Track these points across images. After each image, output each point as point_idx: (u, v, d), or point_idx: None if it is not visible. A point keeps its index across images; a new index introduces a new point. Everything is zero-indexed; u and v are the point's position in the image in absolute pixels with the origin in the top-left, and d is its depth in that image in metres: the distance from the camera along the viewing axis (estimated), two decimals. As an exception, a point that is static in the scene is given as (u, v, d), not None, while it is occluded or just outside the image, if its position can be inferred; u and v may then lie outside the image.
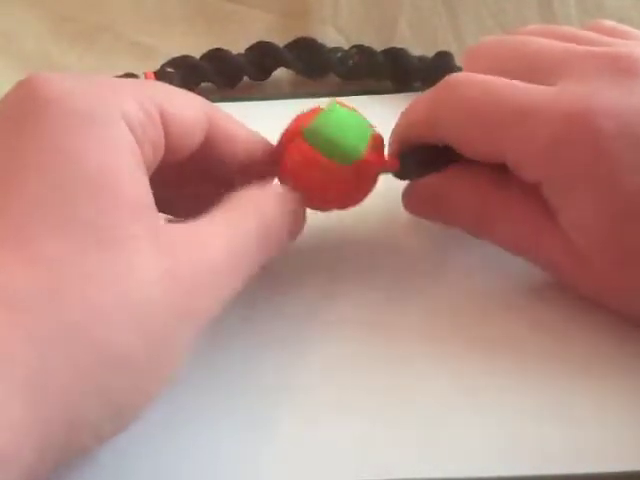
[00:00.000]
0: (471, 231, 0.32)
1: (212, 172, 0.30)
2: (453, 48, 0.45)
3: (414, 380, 0.29)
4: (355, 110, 0.31)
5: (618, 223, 0.28)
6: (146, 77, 0.42)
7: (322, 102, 0.31)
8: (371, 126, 0.31)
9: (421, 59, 0.43)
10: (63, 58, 0.46)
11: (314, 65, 0.44)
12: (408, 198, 0.34)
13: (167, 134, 0.26)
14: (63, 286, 0.22)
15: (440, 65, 0.42)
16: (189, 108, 0.28)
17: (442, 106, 0.31)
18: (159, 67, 0.43)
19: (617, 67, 0.29)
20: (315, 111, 0.31)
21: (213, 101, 0.41)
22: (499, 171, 0.31)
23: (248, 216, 0.27)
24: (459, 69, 0.42)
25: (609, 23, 0.34)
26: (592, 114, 0.28)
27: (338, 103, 0.31)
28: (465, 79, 0.31)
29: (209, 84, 0.44)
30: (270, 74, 0.44)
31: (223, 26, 0.47)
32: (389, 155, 0.32)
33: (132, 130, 0.25)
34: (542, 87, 0.30)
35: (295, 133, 0.30)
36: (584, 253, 0.29)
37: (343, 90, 0.44)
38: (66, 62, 0.45)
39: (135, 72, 0.42)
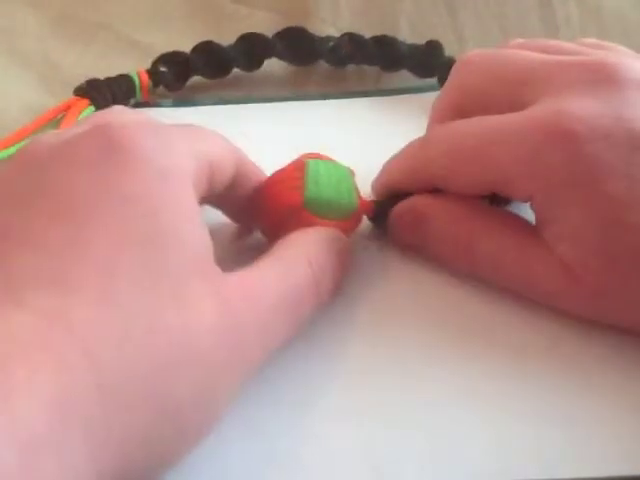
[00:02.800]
0: (453, 260, 0.32)
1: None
2: (454, 48, 0.45)
3: (414, 383, 0.29)
4: (331, 160, 0.32)
5: (604, 230, 0.28)
6: (139, 75, 0.42)
7: (306, 105, 0.31)
8: (349, 170, 0.32)
9: (411, 47, 0.43)
10: (62, 57, 0.46)
11: (304, 54, 0.44)
12: (391, 225, 0.34)
13: (210, 183, 0.28)
14: (134, 336, 0.22)
15: (429, 53, 0.43)
16: (226, 156, 0.29)
17: (430, 150, 0.32)
18: (151, 65, 0.43)
19: (592, 76, 0.30)
20: (296, 168, 0.31)
21: (208, 103, 0.42)
22: (477, 201, 0.32)
23: (297, 266, 0.28)
24: (449, 59, 0.43)
25: (591, 40, 0.34)
26: (566, 120, 0.28)
27: (314, 158, 0.32)
28: (445, 128, 0.32)
29: (200, 77, 0.44)
30: (261, 65, 0.44)
31: (222, 25, 0.47)
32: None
33: (194, 187, 0.26)
34: (517, 112, 0.30)
35: (293, 207, 0.30)
36: (572, 267, 0.29)
37: (332, 80, 0.44)
38: (65, 61, 0.46)
39: (134, 71, 0.42)
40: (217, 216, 0.32)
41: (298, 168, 0.31)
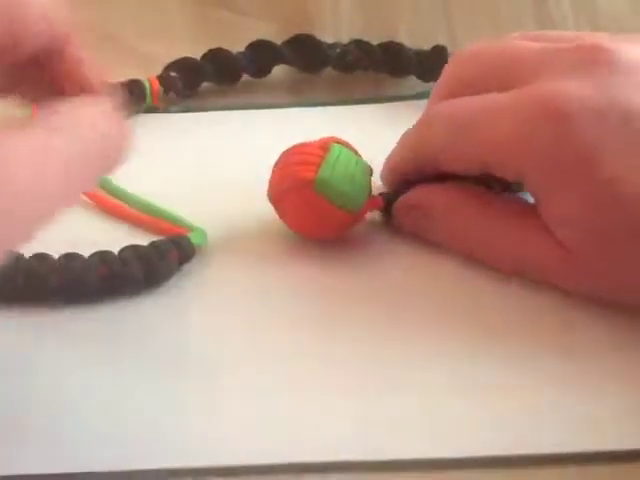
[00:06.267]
0: (454, 248, 0.33)
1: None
2: (453, 54, 0.45)
3: (410, 364, 0.29)
4: (356, 152, 0.33)
5: (597, 209, 0.28)
6: (151, 83, 0.42)
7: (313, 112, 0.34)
8: (366, 163, 0.33)
9: (417, 53, 0.44)
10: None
11: (313, 61, 0.44)
12: (394, 218, 0.34)
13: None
14: None
15: (436, 58, 0.43)
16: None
17: (426, 129, 0.33)
18: (161, 71, 0.43)
19: (588, 58, 0.30)
20: (320, 147, 0.32)
21: (217, 109, 0.42)
22: (478, 188, 0.33)
23: (81, 130, 0.24)
24: None
25: (586, 33, 0.35)
26: (559, 99, 0.29)
27: (337, 143, 0.32)
28: (442, 107, 0.33)
29: (210, 84, 0.44)
30: (270, 71, 0.45)
31: (224, 36, 0.47)
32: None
33: None
34: (510, 91, 0.30)
35: (303, 182, 0.31)
36: (568, 246, 0.29)
37: (340, 86, 0.45)
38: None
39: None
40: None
41: (322, 147, 0.32)
